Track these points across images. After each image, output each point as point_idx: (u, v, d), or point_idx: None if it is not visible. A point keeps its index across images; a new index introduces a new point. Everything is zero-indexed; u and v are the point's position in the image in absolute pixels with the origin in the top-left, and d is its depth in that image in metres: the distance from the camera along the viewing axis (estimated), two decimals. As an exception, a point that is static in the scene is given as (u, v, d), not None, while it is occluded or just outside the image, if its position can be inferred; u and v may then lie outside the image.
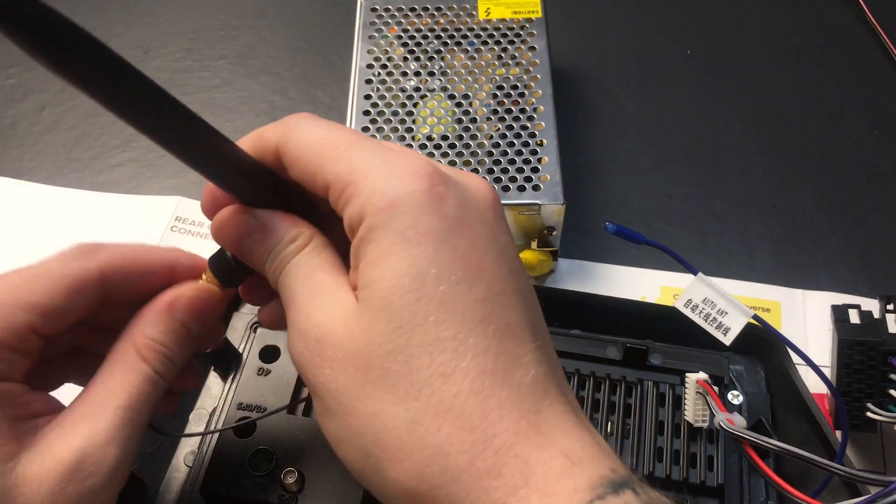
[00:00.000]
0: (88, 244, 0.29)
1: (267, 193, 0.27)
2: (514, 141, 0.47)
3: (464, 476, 0.22)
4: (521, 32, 0.53)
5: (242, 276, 0.29)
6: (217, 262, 0.29)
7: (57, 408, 0.27)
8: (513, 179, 0.45)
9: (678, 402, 0.37)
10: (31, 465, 0.25)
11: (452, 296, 0.23)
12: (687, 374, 0.36)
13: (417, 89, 0.50)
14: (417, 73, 0.51)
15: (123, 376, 0.27)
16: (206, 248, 0.30)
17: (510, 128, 0.48)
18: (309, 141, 0.26)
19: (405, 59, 0.52)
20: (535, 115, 0.48)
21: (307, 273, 0.26)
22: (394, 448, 0.23)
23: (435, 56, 0.52)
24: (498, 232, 0.26)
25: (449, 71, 0.51)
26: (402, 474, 0.23)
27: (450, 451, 0.22)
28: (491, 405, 0.23)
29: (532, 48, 0.52)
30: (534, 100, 0.49)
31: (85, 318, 0.28)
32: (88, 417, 0.26)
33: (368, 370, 0.23)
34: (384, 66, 0.51)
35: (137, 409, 0.27)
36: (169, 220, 0.53)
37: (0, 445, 0.25)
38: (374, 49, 0.52)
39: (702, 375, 0.35)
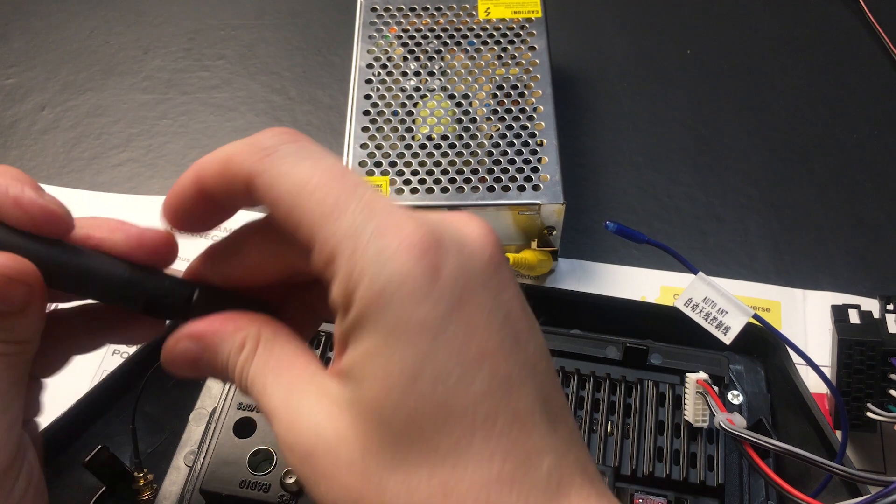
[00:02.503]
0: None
1: (200, 305, 0.26)
2: (514, 141, 0.47)
3: None
4: (521, 32, 0.53)
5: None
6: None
7: None
8: (513, 179, 0.45)
9: (678, 402, 0.37)
10: None
11: (451, 397, 0.21)
12: (687, 374, 0.36)
13: (417, 89, 0.50)
14: (417, 73, 0.51)
15: None
16: (205, 246, 0.30)
17: (510, 128, 0.48)
18: (291, 183, 0.22)
19: (405, 59, 0.52)
20: (535, 115, 0.48)
21: (268, 379, 0.24)
22: None
23: (435, 56, 0.52)
24: (501, 291, 0.23)
25: (449, 71, 0.51)
26: None
27: None
28: None
29: (532, 48, 0.52)
30: (534, 100, 0.49)
31: None
32: None
33: (366, 483, 0.21)
34: (384, 66, 0.51)
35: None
36: (169, 220, 0.53)
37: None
38: (374, 49, 0.52)
39: (702, 375, 0.35)
